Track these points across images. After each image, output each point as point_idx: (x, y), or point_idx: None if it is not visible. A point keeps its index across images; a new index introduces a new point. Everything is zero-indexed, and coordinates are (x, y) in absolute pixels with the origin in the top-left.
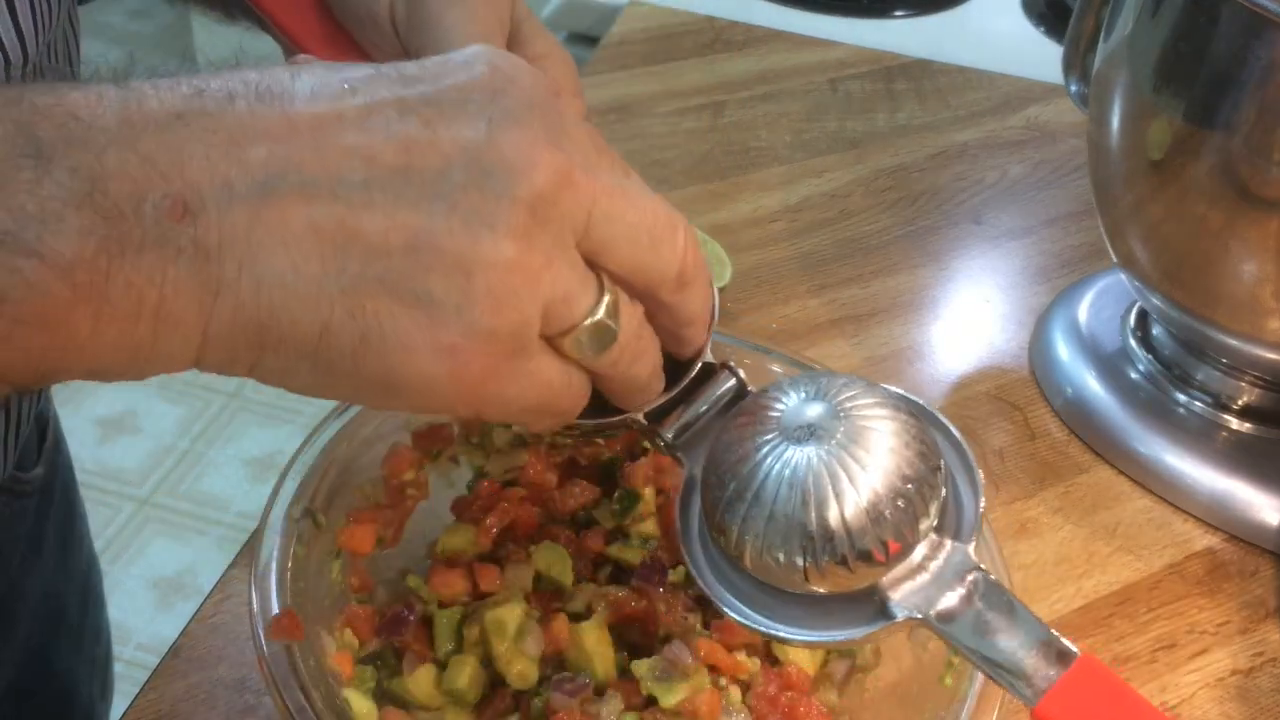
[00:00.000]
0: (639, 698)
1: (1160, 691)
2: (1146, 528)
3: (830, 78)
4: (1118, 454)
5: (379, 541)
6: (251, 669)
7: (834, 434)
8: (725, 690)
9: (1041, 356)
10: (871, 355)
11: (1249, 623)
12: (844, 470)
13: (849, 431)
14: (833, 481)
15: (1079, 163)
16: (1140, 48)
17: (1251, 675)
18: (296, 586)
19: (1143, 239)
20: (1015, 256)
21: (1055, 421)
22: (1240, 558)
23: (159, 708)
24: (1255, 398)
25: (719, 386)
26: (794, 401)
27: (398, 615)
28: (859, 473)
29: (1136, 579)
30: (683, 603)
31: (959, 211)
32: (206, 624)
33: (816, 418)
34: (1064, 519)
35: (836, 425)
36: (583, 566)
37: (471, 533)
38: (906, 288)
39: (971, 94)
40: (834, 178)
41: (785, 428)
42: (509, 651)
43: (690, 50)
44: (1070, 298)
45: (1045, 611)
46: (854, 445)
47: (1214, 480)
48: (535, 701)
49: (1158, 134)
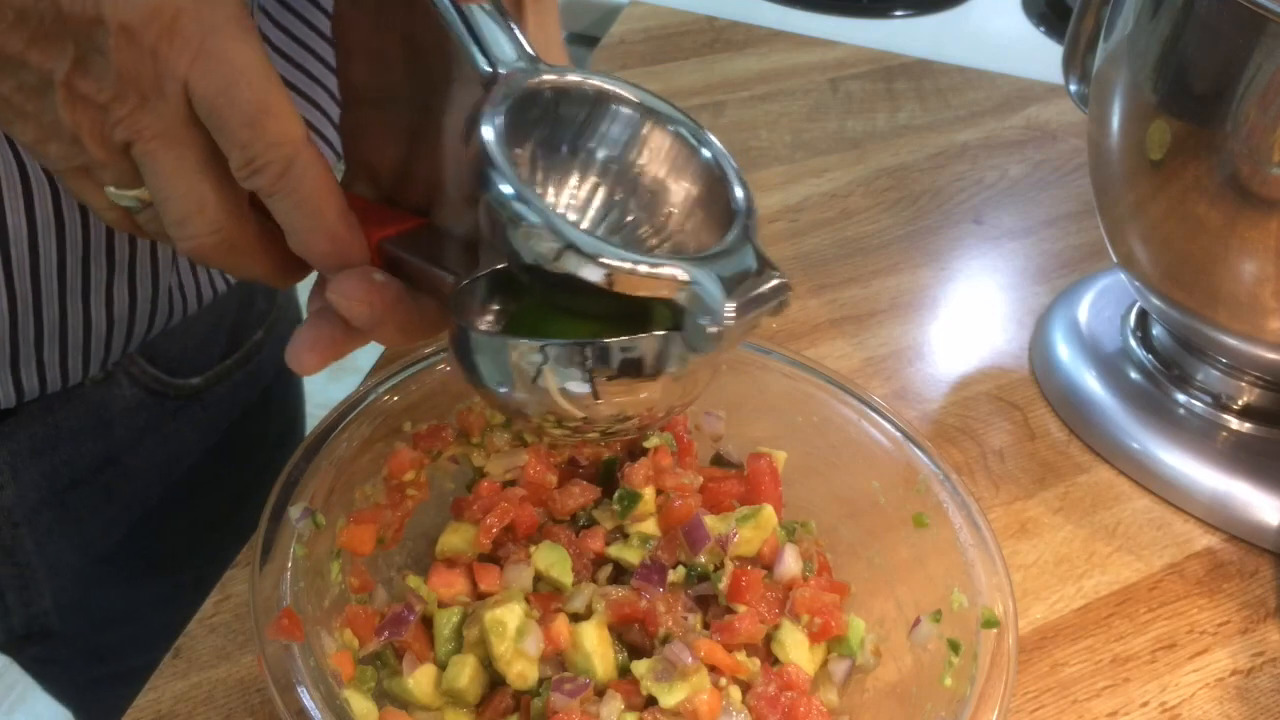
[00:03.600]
0: (639, 698)
1: (1160, 691)
2: (1146, 528)
3: (830, 78)
4: (1118, 454)
5: (379, 541)
6: (251, 669)
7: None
8: (725, 690)
9: (1041, 356)
10: (872, 355)
11: (1249, 623)
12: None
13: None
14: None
15: (1079, 163)
16: (1140, 48)
17: (1251, 675)
18: (296, 586)
19: (1143, 239)
20: (1015, 256)
21: (1055, 421)
22: (1240, 558)
23: (159, 708)
24: (1255, 398)
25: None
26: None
27: (398, 615)
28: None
29: (1136, 579)
30: (683, 603)
31: (959, 211)
32: (206, 624)
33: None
34: (1064, 519)
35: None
36: (583, 566)
37: (471, 533)
38: (906, 288)
39: (971, 94)
40: (834, 178)
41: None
42: (509, 651)
43: (690, 50)
44: (1070, 298)
45: (1045, 611)
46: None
47: (1214, 480)
48: (535, 701)
49: (1158, 134)
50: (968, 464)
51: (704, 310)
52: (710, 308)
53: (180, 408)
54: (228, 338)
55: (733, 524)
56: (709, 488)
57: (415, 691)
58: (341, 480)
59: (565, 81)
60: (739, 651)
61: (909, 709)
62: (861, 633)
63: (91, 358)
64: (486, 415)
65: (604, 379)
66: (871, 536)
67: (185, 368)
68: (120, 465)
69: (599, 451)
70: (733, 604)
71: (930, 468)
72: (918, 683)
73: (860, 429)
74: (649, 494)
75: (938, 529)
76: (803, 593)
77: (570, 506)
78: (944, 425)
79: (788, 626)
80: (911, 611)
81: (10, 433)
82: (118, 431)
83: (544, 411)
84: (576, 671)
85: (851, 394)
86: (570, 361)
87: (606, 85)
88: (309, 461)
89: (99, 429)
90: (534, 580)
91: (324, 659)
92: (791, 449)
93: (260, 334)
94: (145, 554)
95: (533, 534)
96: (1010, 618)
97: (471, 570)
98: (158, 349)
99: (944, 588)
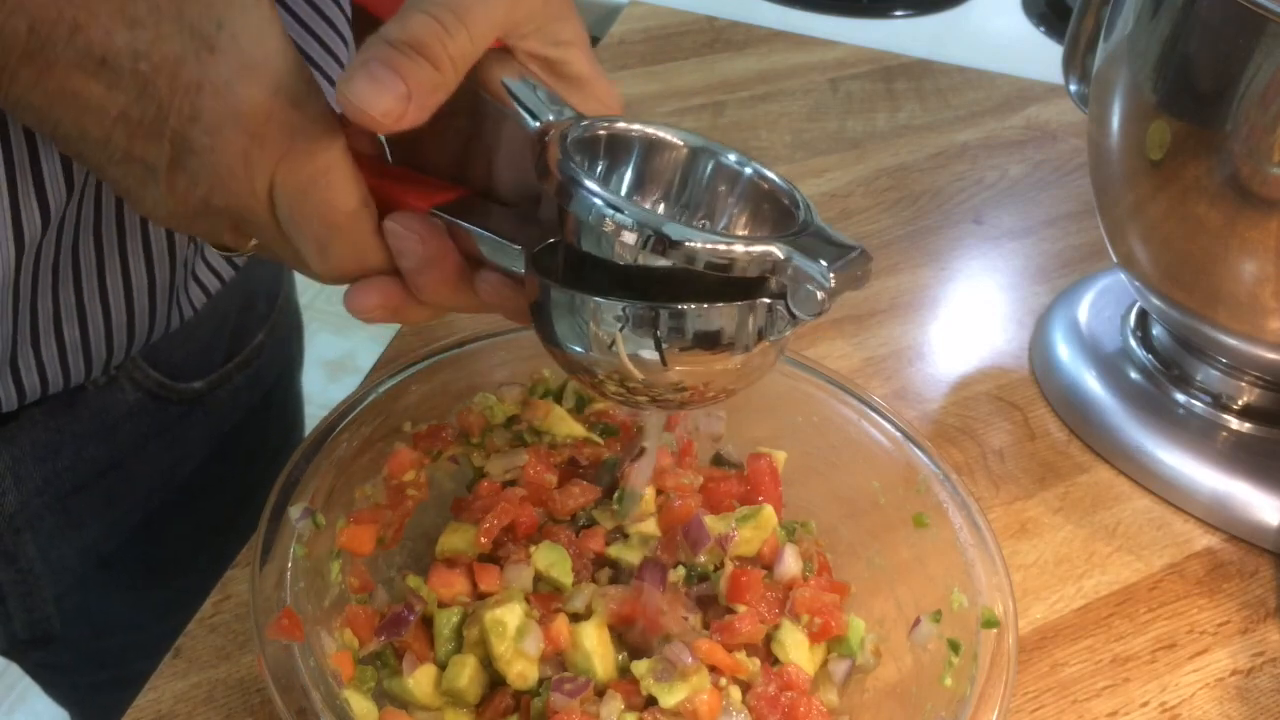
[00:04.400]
0: (639, 698)
1: (1160, 691)
2: (1146, 528)
3: (830, 78)
4: (1118, 454)
5: (379, 541)
6: (251, 669)
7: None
8: (725, 690)
9: (1041, 356)
10: (872, 355)
11: (1249, 623)
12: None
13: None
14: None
15: (1079, 163)
16: (1140, 48)
17: (1251, 675)
18: (296, 586)
19: (1143, 239)
20: (1015, 256)
21: (1055, 421)
22: (1240, 558)
23: (159, 708)
24: (1255, 398)
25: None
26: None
27: (398, 615)
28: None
29: (1136, 579)
30: (683, 603)
31: (959, 211)
32: (206, 624)
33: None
34: (1064, 519)
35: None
36: (583, 566)
37: (471, 533)
38: (906, 288)
39: (971, 94)
40: (834, 178)
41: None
42: (509, 651)
43: (690, 50)
44: (1070, 298)
45: (1045, 611)
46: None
47: (1214, 480)
48: (535, 701)
49: (1158, 134)
50: (968, 464)
51: (808, 279)
52: (814, 276)
53: (184, 412)
54: (229, 341)
55: (733, 524)
56: (709, 488)
57: (415, 691)
58: (341, 480)
59: (614, 128)
60: (739, 651)
61: (909, 709)
62: (861, 633)
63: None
64: (486, 415)
65: (680, 347)
66: (871, 536)
67: (188, 372)
68: (123, 470)
69: (599, 451)
70: (733, 604)
71: (930, 468)
72: (918, 683)
73: (860, 429)
74: (649, 494)
75: (938, 529)
76: (803, 593)
77: (570, 506)
78: (944, 425)
79: (788, 626)
80: (911, 611)
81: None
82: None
83: (612, 370)
84: (576, 671)
85: (851, 394)
86: (653, 325)
87: (649, 128)
88: (309, 462)
89: (102, 434)
90: (534, 580)
91: (324, 659)
92: (791, 449)
93: (261, 337)
94: (147, 559)
95: (533, 534)
96: (1010, 618)
97: (471, 570)
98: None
99: (944, 588)
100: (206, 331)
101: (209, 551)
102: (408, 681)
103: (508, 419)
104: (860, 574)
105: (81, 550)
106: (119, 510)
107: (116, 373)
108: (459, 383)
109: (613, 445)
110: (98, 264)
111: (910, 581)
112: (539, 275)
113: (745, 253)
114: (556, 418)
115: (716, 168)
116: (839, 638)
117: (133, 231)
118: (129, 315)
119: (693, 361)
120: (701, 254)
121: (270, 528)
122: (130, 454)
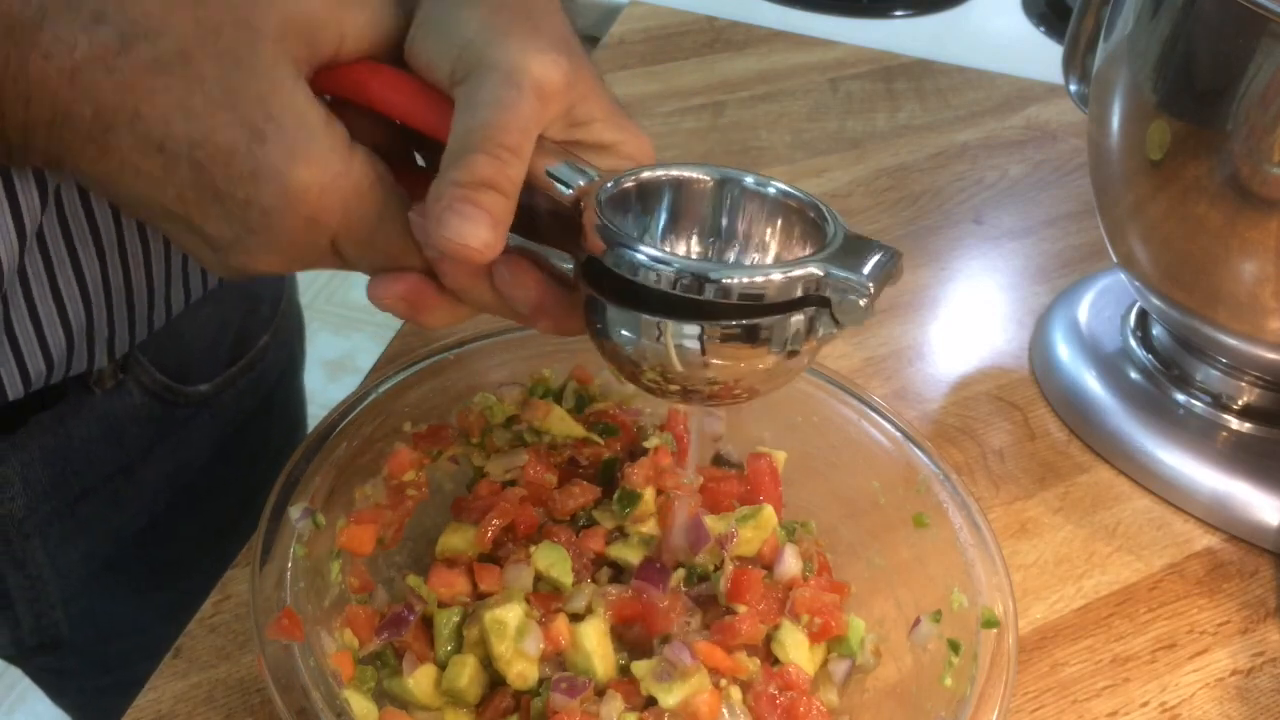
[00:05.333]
0: (639, 698)
1: (1160, 691)
2: (1146, 528)
3: (830, 78)
4: (1118, 454)
5: (379, 541)
6: (251, 669)
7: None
8: (725, 690)
9: (1041, 356)
10: (872, 355)
11: (1249, 623)
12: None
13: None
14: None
15: (1079, 163)
16: (1140, 48)
17: (1251, 675)
18: (296, 586)
19: (1143, 239)
20: (1015, 256)
21: (1055, 421)
22: (1240, 558)
23: (159, 708)
24: (1255, 398)
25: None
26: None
27: (398, 615)
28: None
29: (1136, 579)
30: (683, 603)
31: (959, 211)
32: (206, 624)
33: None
34: (1064, 519)
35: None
36: (583, 566)
37: (471, 533)
38: (906, 288)
39: (971, 94)
40: (834, 178)
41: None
42: (509, 651)
43: (690, 50)
44: (1070, 298)
45: (1045, 611)
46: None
47: (1214, 480)
48: (535, 701)
49: (1158, 134)
50: (968, 464)
51: (850, 288)
52: (855, 286)
53: (190, 415)
54: (234, 344)
55: (733, 524)
56: (709, 488)
57: (415, 691)
58: (341, 480)
59: (641, 177)
60: (739, 651)
61: (909, 709)
62: (861, 633)
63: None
64: (486, 415)
65: (721, 345)
66: (871, 536)
67: (194, 375)
68: (131, 473)
69: (599, 451)
70: (733, 604)
71: (930, 468)
72: (918, 683)
73: (860, 429)
74: (649, 494)
75: (938, 529)
76: (803, 593)
77: (570, 506)
78: (944, 425)
79: (788, 626)
80: (911, 611)
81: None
82: (128, 440)
83: (658, 364)
84: (576, 671)
85: (851, 394)
86: (704, 336)
87: (673, 170)
88: (309, 461)
89: (110, 438)
90: (534, 580)
91: (324, 659)
92: (791, 449)
93: (265, 339)
94: (152, 561)
95: (533, 534)
96: (1010, 618)
97: (471, 570)
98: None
99: (944, 588)
100: (211, 333)
101: (213, 553)
102: (408, 681)
103: (508, 419)
104: (860, 574)
105: (88, 554)
106: (126, 514)
107: (124, 376)
108: (459, 383)
109: (613, 445)
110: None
111: (910, 581)
112: (590, 288)
113: (786, 278)
114: (556, 418)
115: (742, 193)
116: (839, 638)
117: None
118: (127, 292)
119: (732, 356)
120: (744, 288)
121: (270, 528)
122: (137, 457)
